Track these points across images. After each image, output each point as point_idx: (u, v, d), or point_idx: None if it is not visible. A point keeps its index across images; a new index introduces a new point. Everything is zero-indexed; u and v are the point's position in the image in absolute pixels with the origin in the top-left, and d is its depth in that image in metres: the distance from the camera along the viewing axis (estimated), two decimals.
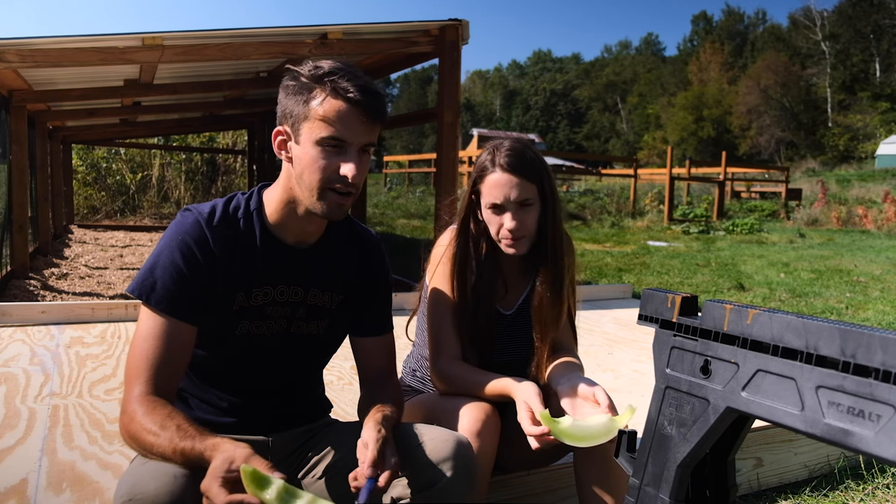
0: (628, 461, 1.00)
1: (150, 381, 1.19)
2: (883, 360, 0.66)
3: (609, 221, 14.68)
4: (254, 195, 1.34)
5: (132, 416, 1.15)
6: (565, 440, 1.31)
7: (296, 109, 1.23)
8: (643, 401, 1.12)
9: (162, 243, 1.26)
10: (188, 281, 1.23)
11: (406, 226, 13.12)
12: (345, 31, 4.87)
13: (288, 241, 1.33)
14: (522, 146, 1.59)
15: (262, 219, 1.32)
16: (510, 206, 1.55)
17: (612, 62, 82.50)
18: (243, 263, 1.29)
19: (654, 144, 58.27)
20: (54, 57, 4.29)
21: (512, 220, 1.54)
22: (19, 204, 5.71)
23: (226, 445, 1.06)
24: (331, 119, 1.20)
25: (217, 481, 0.99)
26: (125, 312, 3.70)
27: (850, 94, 50.77)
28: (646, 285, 6.37)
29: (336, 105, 1.20)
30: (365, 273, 1.44)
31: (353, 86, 1.20)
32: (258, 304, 1.31)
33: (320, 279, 1.37)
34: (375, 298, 1.46)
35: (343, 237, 1.42)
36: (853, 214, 15.34)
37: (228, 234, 1.28)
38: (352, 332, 1.48)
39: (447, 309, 1.60)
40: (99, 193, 13.00)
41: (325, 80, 1.21)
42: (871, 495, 2.11)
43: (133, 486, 1.06)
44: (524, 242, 1.59)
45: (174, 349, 1.22)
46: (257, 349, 1.33)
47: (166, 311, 1.22)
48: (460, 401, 1.49)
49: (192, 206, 1.30)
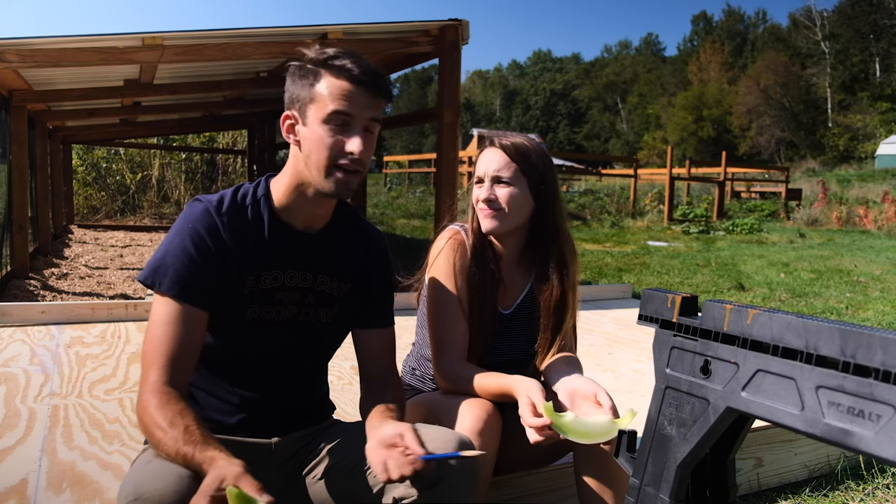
0: (628, 461, 1.00)
1: (166, 367, 1.21)
2: (883, 360, 0.66)
3: (609, 221, 14.68)
4: (261, 183, 1.37)
5: (145, 407, 1.17)
6: (566, 434, 1.32)
7: (302, 93, 1.28)
8: (643, 401, 1.12)
9: (172, 232, 1.29)
10: (199, 267, 1.25)
11: (406, 226, 13.13)
12: (345, 31, 4.87)
13: (296, 226, 1.36)
14: (523, 136, 1.67)
15: (270, 204, 1.34)
16: (488, 179, 1.61)
17: (612, 62, 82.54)
18: (253, 248, 1.31)
19: (654, 144, 58.29)
20: (54, 57, 4.29)
21: (486, 191, 1.60)
22: (19, 204, 5.71)
23: (220, 462, 1.06)
24: (335, 97, 1.25)
25: (205, 500, 1.00)
26: (125, 312, 3.70)
27: (850, 94, 50.79)
28: (646, 285, 6.37)
29: (340, 84, 1.25)
30: (370, 263, 1.46)
31: (355, 65, 1.25)
32: (267, 287, 1.33)
33: (328, 266, 1.39)
34: (379, 290, 1.48)
35: (349, 226, 1.45)
36: (853, 214, 15.34)
37: (238, 220, 1.31)
38: (354, 325, 1.49)
39: (449, 307, 1.61)
40: (99, 193, 13.00)
41: (329, 63, 1.26)
42: (871, 495, 2.11)
43: (138, 485, 1.07)
44: (501, 218, 1.61)
45: (188, 335, 1.24)
46: (268, 337, 1.35)
47: (178, 297, 1.24)
48: (461, 400, 1.49)
49: (201, 196, 1.33)
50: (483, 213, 1.61)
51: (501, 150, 1.61)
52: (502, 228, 1.61)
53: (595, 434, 1.32)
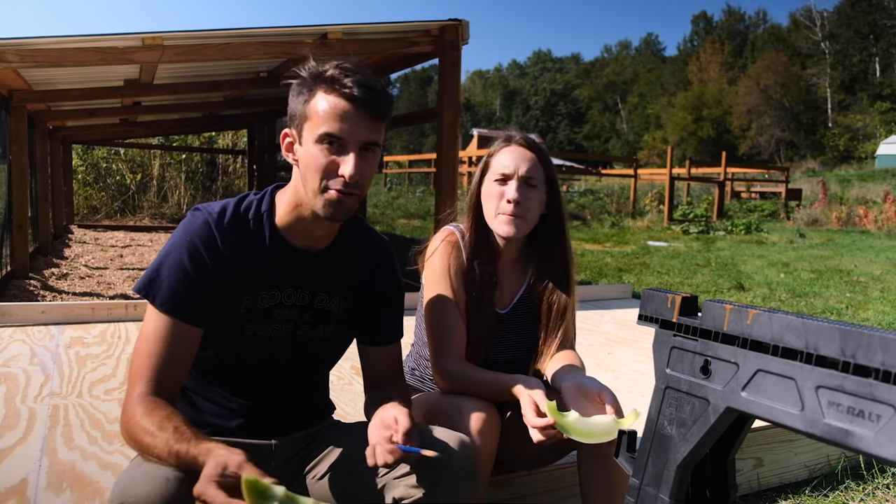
0: (628, 461, 1.00)
1: (152, 381, 1.19)
2: (883, 360, 0.66)
3: (609, 221, 14.68)
4: (266, 196, 1.33)
5: (131, 416, 1.15)
6: (569, 433, 1.32)
7: (298, 110, 1.23)
8: (643, 401, 1.12)
9: (170, 243, 1.26)
10: (194, 282, 1.22)
11: (406, 226, 13.12)
12: (345, 31, 4.87)
13: (297, 244, 1.32)
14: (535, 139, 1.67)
15: (272, 221, 1.30)
16: (517, 179, 1.56)
17: (612, 62, 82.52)
18: (251, 265, 1.28)
19: (654, 144, 58.28)
20: (54, 57, 4.28)
21: (515, 191, 1.55)
22: (19, 204, 5.71)
23: (219, 451, 1.05)
24: (328, 116, 1.19)
25: (212, 485, 0.99)
26: (125, 312, 3.70)
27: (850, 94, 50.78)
28: (646, 285, 6.37)
29: (333, 102, 1.19)
30: (375, 283, 1.43)
31: (352, 81, 1.18)
32: (265, 306, 1.30)
33: (328, 284, 1.36)
34: (385, 309, 1.45)
35: (357, 242, 1.41)
36: (853, 214, 15.34)
37: (238, 235, 1.27)
38: (359, 340, 1.47)
39: (445, 308, 1.60)
40: (99, 193, 12.99)
41: (324, 78, 1.20)
42: (871, 495, 2.11)
43: (125, 489, 1.06)
44: (522, 224, 1.58)
45: (178, 350, 1.22)
46: (263, 351, 1.33)
47: (171, 313, 1.21)
48: (460, 399, 1.49)
49: (203, 206, 1.29)
50: (505, 217, 1.57)
51: (531, 150, 1.58)
52: (520, 234, 1.60)
53: (598, 434, 1.33)
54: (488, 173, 1.61)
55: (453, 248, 1.63)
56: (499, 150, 1.61)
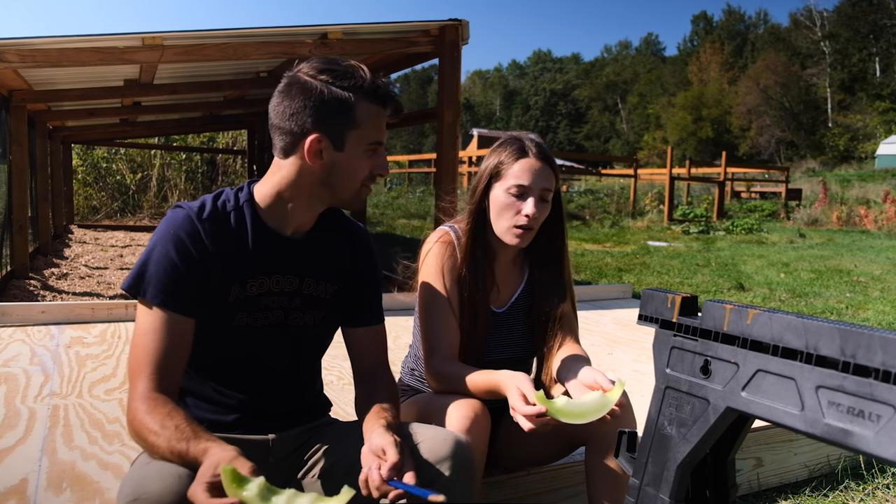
0: (628, 461, 1.00)
1: (153, 376, 1.20)
2: (883, 360, 0.66)
3: (609, 221, 14.68)
4: (244, 188, 1.36)
5: (135, 414, 1.17)
6: (560, 417, 1.33)
7: (338, 117, 1.27)
8: (643, 401, 1.12)
9: (154, 239, 1.27)
10: (182, 274, 1.24)
11: (406, 226, 13.12)
12: (345, 31, 4.87)
13: (281, 231, 1.35)
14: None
15: (253, 210, 1.33)
16: (534, 193, 1.57)
17: (612, 62, 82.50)
18: (237, 255, 1.30)
19: (654, 144, 58.27)
20: (54, 57, 4.29)
21: (534, 207, 1.56)
22: (19, 204, 5.71)
23: (214, 450, 1.06)
24: (375, 125, 1.30)
25: (202, 486, 1.00)
26: (125, 312, 3.70)
27: (850, 94, 50.79)
28: (646, 285, 6.37)
29: (375, 111, 1.29)
30: (356, 263, 1.46)
31: (387, 92, 1.31)
32: (253, 294, 1.32)
33: (314, 269, 1.39)
34: (367, 288, 1.48)
35: (334, 226, 1.44)
36: (853, 214, 15.34)
37: (219, 226, 1.29)
38: (344, 324, 1.49)
39: (438, 308, 1.61)
40: (99, 193, 13.00)
41: (366, 89, 1.28)
42: (871, 495, 2.11)
43: (138, 486, 1.07)
44: (531, 235, 1.61)
45: (173, 342, 1.23)
46: (256, 342, 1.34)
47: (162, 305, 1.22)
48: (449, 399, 1.49)
49: (182, 203, 1.32)
50: (518, 230, 1.58)
51: (547, 164, 1.59)
52: (527, 244, 1.62)
53: (589, 412, 1.34)
54: (500, 181, 1.60)
55: (447, 248, 1.64)
56: (514, 161, 1.59)
